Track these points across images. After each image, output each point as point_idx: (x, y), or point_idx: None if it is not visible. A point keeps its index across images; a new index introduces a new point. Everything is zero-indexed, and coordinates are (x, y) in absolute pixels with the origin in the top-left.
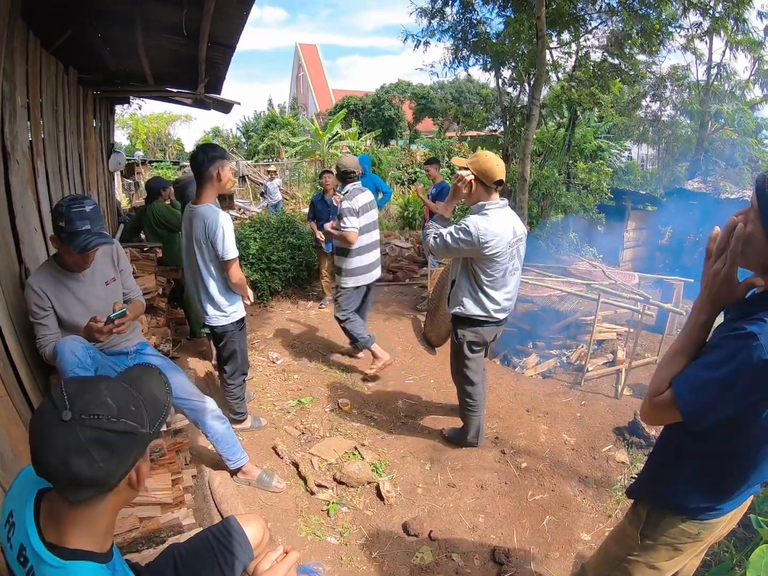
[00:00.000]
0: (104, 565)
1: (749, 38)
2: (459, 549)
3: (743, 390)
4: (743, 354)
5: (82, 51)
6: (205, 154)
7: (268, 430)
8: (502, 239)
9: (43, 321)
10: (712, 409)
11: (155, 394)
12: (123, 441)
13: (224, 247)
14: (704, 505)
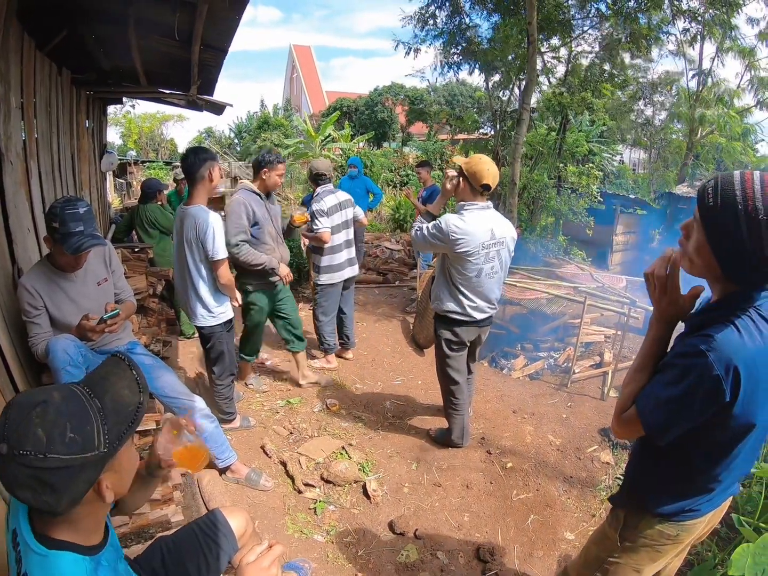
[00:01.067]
0: (87, 557)
1: (738, 45)
2: (444, 547)
3: (700, 405)
4: (695, 372)
5: (75, 52)
6: (196, 156)
7: (257, 430)
8: (475, 239)
9: (35, 320)
10: (674, 425)
11: (122, 396)
12: (60, 475)
13: (214, 247)
14: (679, 507)
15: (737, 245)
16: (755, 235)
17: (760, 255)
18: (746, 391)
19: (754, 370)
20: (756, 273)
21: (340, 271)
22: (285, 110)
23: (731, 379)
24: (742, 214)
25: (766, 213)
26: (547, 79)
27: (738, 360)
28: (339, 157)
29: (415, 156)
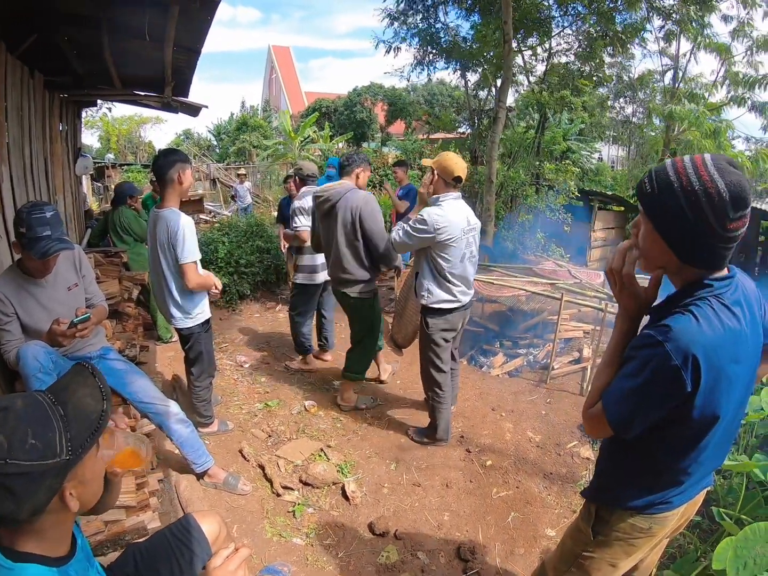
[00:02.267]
0: (54, 569)
1: (712, 42)
2: (424, 547)
3: (661, 397)
4: (653, 363)
5: (47, 55)
6: (165, 158)
7: (235, 434)
8: (456, 226)
9: (6, 327)
10: (636, 418)
11: (85, 404)
12: (20, 481)
13: (183, 251)
14: (649, 501)
15: (682, 223)
16: (696, 207)
17: (706, 227)
18: (707, 381)
19: (714, 358)
20: (709, 251)
21: (319, 272)
22: (264, 111)
23: (690, 368)
24: (679, 190)
25: (701, 185)
26: (526, 78)
27: (696, 349)
28: (318, 158)
29: (394, 156)
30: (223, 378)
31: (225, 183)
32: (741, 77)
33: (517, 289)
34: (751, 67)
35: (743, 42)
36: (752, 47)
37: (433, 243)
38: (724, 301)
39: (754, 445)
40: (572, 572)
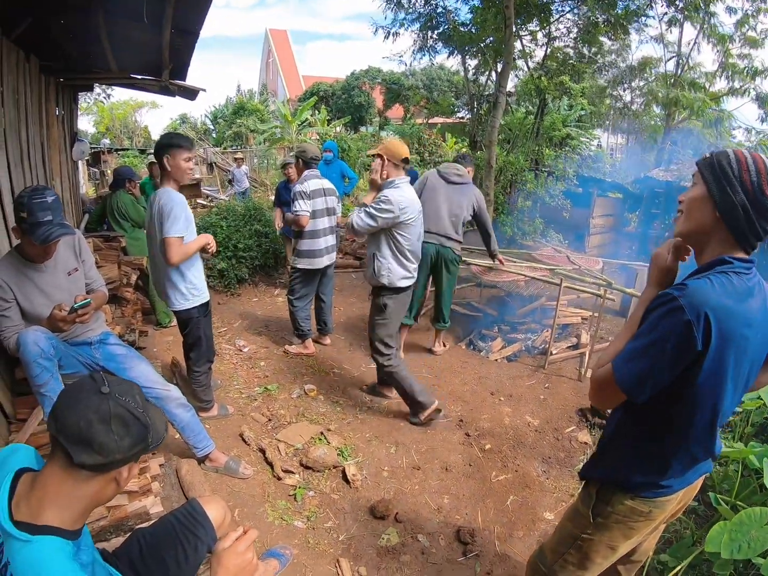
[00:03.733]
0: (70, 541)
1: (715, 31)
2: (425, 530)
3: (672, 353)
4: (667, 318)
5: (43, 38)
6: (160, 142)
7: (235, 418)
8: (413, 206)
9: (5, 313)
10: (646, 377)
11: (157, 423)
12: (138, 428)
13: (166, 223)
14: (649, 482)
15: (731, 182)
16: (744, 171)
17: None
18: (717, 344)
19: (725, 323)
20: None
21: (319, 257)
22: (261, 95)
23: (702, 326)
24: (734, 159)
25: (752, 157)
26: (525, 63)
27: (708, 308)
28: (315, 142)
29: None
30: (222, 362)
31: (222, 167)
32: (742, 68)
33: (516, 274)
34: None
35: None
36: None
37: (396, 223)
38: (743, 280)
39: (750, 434)
40: (571, 554)
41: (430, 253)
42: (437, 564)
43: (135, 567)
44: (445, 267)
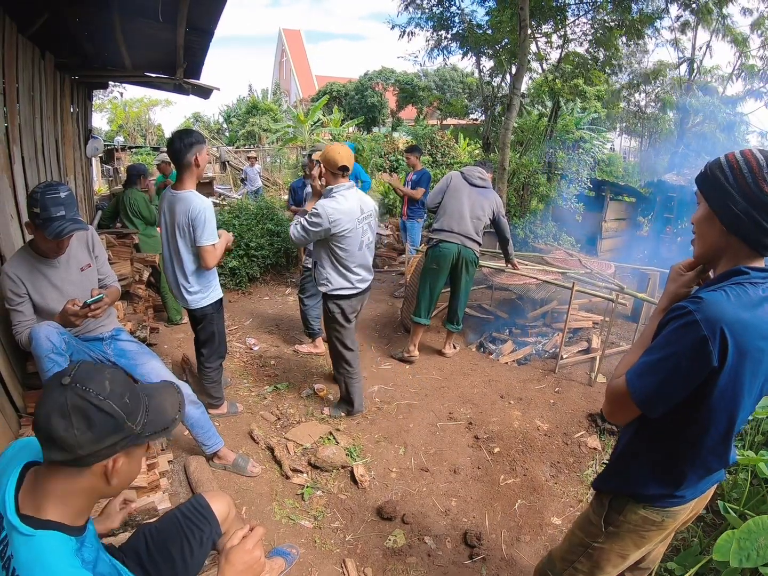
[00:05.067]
0: (72, 537)
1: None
2: (431, 532)
3: (687, 368)
4: (683, 333)
5: (59, 36)
6: (182, 141)
7: (245, 416)
8: (350, 216)
9: (18, 308)
10: (662, 392)
11: (165, 407)
12: (102, 419)
13: (203, 232)
14: (663, 492)
15: (726, 189)
16: (737, 173)
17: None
18: (733, 360)
19: (741, 338)
20: (751, 218)
21: None
22: (274, 94)
23: (718, 341)
24: (725, 164)
25: (743, 158)
26: (540, 66)
27: (724, 323)
28: (328, 142)
29: (405, 141)
30: (232, 360)
31: (235, 166)
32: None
33: (528, 277)
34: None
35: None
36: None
37: (329, 235)
38: (758, 289)
39: (760, 442)
40: (581, 562)
41: (453, 253)
42: (443, 566)
43: (142, 562)
44: (465, 268)
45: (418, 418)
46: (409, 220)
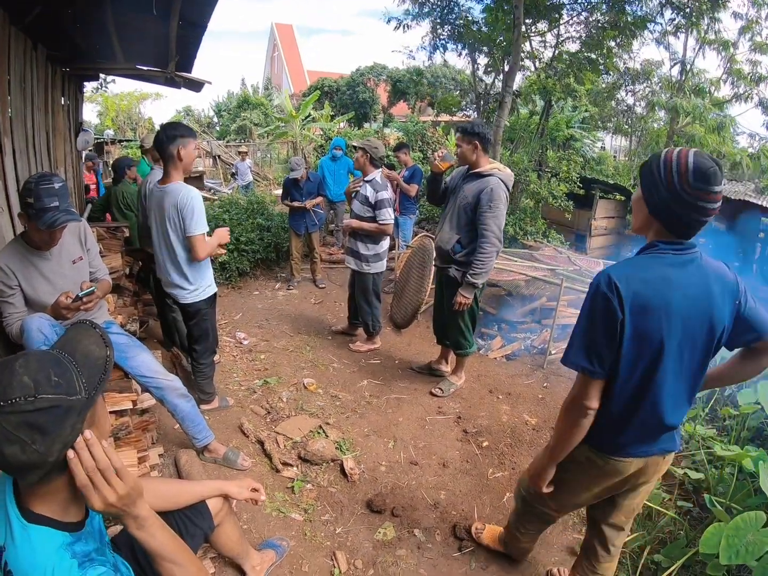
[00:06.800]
0: (67, 534)
1: (720, 38)
2: (421, 525)
3: (602, 326)
4: (592, 296)
5: (51, 28)
6: (165, 133)
7: (235, 410)
8: None
9: (9, 299)
10: (591, 351)
11: (90, 351)
12: (50, 417)
13: (192, 222)
14: (604, 438)
15: (656, 181)
16: (667, 171)
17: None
18: (634, 310)
19: (636, 286)
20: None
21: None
22: (266, 89)
23: (616, 296)
24: (662, 160)
25: (677, 159)
26: (533, 64)
27: (618, 279)
28: (319, 137)
29: (396, 137)
30: (222, 355)
31: (225, 161)
32: (746, 73)
33: (517, 273)
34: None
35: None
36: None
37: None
38: (663, 258)
39: (746, 438)
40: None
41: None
42: (433, 559)
43: (135, 553)
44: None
45: (407, 412)
46: (402, 216)
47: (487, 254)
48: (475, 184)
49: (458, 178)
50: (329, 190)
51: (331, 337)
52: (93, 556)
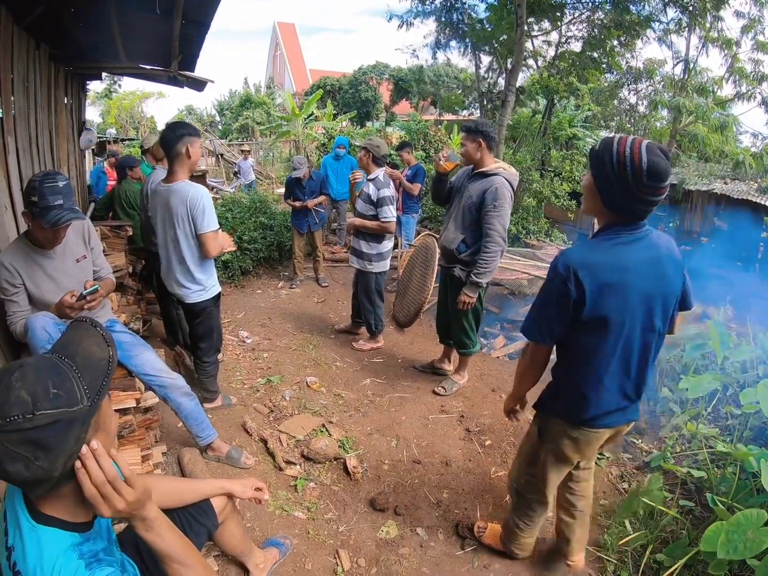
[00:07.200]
0: (76, 534)
1: (723, 37)
2: (423, 523)
3: (556, 301)
4: (549, 276)
5: (54, 27)
6: (173, 132)
7: (238, 408)
8: None
9: (13, 298)
10: (541, 322)
11: (92, 353)
12: (51, 432)
13: (204, 220)
14: (574, 410)
15: (609, 176)
16: (621, 168)
17: (624, 185)
18: (592, 291)
19: (593, 271)
20: (624, 203)
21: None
22: (268, 88)
23: (573, 278)
24: (615, 154)
25: (630, 154)
26: (535, 62)
27: (575, 263)
28: (321, 136)
29: (399, 136)
30: (225, 353)
31: (228, 159)
32: (748, 72)
33: (520, 272)
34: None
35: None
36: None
37: None
38: (618, 239)
39: (748, 437)
40: (532, 467)
41: None
42: (435, 557)
43: (139, 551)
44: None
45: (410, 411)
46: (404, 214)
47: (492, 254)
48: (480, 184)
49: (463, 178)
50: (332, 189)
51: (334, 336)
52: (101, 556)
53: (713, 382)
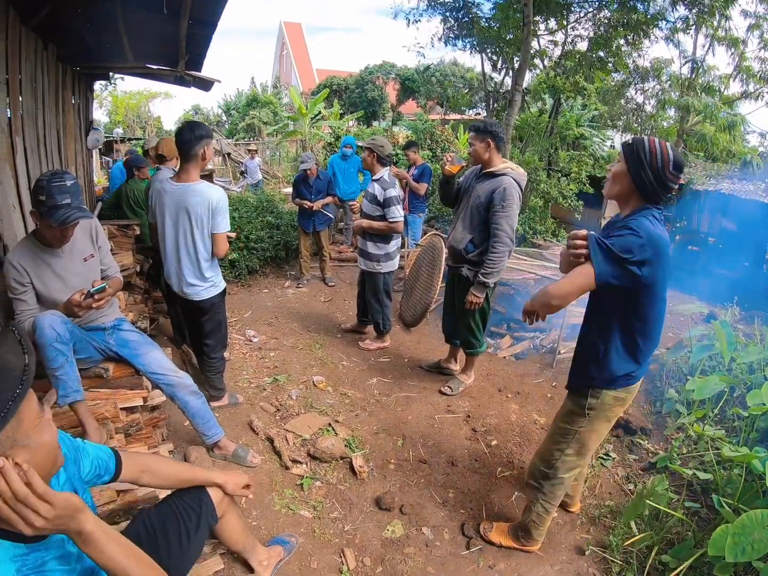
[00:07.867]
0: (22, 545)
1: (730, 35)
2: (429, 523)
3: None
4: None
5: (61, 27)
6: (192, 133)
7: (244, 407)
8: None
9: (21, 296)
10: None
11: (6, 361)
12: None
13: (223, 220)
14: (626, 372)
15: (643, 165)
16: (653, 158)
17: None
18: (655, 260)
19: (659, 246)
20: (652, 188)
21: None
22: (274, 87)
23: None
24: (648, 148)
25: (660, 149)
26: (541, 62)
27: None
28: (328, 135)
29: (405, 135)
30: (232, 352)
31: (235, 159)
32: (755, 71)
33: (527, 272)
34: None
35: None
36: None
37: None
38: (657, 217)
39: (755, 439)
40: (571, 447)
41: None
42: (441, 557)
43: (142, 545)
44: None
45: (416, 411)
46: (411, 214)
47: (500, 254)
48: (488, 184)
49: (471, 178)
50: (339, 189)
51: (341, 335)
52: (48, 567)
53: (720, 384)
